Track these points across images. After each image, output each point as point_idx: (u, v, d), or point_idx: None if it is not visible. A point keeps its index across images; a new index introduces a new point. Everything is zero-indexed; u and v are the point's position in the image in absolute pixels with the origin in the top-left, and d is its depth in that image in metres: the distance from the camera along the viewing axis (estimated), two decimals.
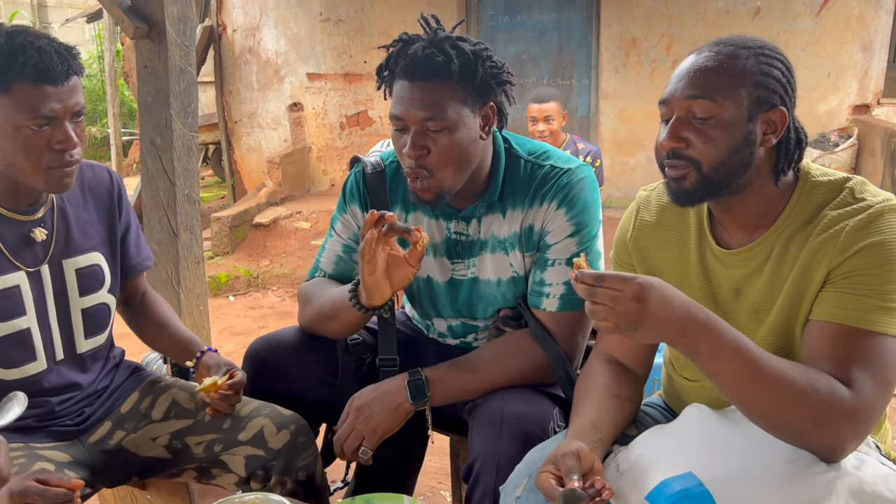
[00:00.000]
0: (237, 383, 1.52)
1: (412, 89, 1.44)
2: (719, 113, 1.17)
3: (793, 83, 1.22)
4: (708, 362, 1.09)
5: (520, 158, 1.61)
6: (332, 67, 6.86)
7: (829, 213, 1.20)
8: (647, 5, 5.93)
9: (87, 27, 11.71)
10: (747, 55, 1.19)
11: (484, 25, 6.47)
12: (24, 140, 1.32)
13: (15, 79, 1.29)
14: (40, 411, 1.50)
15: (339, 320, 1.60)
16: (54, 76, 1.31)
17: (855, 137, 5.35)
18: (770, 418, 1.11)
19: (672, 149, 1.21)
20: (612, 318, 1.07)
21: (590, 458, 1.18)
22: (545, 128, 3.71)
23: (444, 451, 2.22)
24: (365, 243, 1.41)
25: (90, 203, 1.59)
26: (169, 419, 1.61)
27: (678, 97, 1.21)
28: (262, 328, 4.65)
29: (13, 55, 1.29)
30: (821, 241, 1.19)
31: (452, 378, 1.56)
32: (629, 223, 1.48)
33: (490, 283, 1.65)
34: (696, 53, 1.24)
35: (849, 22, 5.58)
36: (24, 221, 1.46)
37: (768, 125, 1.20)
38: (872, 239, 1.13)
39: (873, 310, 1.12)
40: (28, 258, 1.46)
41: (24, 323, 1.45)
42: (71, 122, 1.36)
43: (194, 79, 2.42)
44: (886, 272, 1.12)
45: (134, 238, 1.69)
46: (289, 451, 1.56)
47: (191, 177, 2.44)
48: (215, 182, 9.04)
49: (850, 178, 1.24)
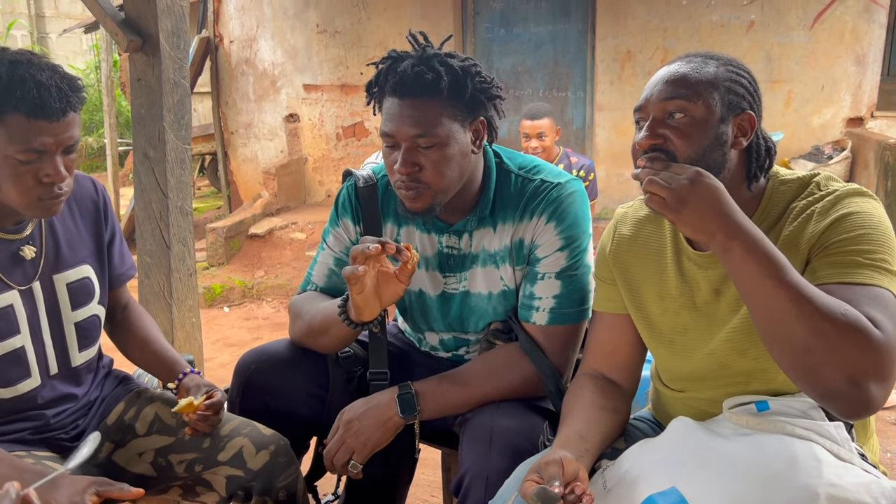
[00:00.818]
0: (215, 403, 1.51)
1: (402, 107, 1.45)
2: (694, 112, 1.24)
3: (758, 94, 1.29)
4: (738, 263, 1.10)
5: (510, 173, 1.62)
6: (328, 79, 6.88)
7: (797, 204, 1.26)
8: (641, 18, 5.97)
9: (84, 37, 11.74)
10: (717, 64, 1.27)
11: (480, 38, 6.50)
12: (12, 170, 1.32)
13: (10, 110, 1.28)
14: (35, 424, 1.50)
15: (329, 335, 1.59)
16: (50, 112, 1.29)
17: (849, 150, 5.37)
18: (790, 336, 1.07)
19: (650, 145, 1.26)
20: (664, 192, 1.13)
21: (573, 466, 1.18)
22: (538, 144, 3.72)
23: (437, 463, 2.21)
24: (351, 273, 1.39)
25: (77, 215, 1.58)
26: (152, 434, 1.61)
27: (654, 100, 1.27)
28: (256, 339, 4.65)
29: (11, 86, 1.27)
30: (793, 228, 1.24)
31: (442, 392, 1.55)
32: (608, 239, 1.51)
33: (481, 297, 1.65)
34: (668, 65, 1.31)
35: (842, 35, 5.61)
36: (12, 240, 1.46)
37: (739, 128, 1.26)
38: (840, 212, 1.19)
39: (859, 265, 1.14)
40: (19, 276, 1.46)
41: (18, 342, 1.44)
42: (62, 156, 1.35)
43: (188, 91, 2.43)
44: (860, 235, 1.16)
45: (118, 247, 1.68)
46: (268, 471, 1.54)
47: (184, 189, 2.44)
48: (211, 192, 9.04)
49: (817, 174, 1.30)
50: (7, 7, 11.81)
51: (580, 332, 1.62)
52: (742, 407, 1.25)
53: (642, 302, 1.43)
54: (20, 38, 11.85)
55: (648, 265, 1.42)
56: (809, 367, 1.07)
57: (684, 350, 1.37)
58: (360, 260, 1.38)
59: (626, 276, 1.45)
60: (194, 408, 1.48)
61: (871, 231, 1.16)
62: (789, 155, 5.65)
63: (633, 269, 1.45)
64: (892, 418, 3.22)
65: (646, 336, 1.45)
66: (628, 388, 1.49)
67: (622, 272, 1.46)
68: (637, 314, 1.44)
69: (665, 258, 1.40)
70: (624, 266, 1.46)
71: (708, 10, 5.79)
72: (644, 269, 1.43)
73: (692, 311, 1.35)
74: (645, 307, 1.43)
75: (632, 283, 1.44)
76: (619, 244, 1.47)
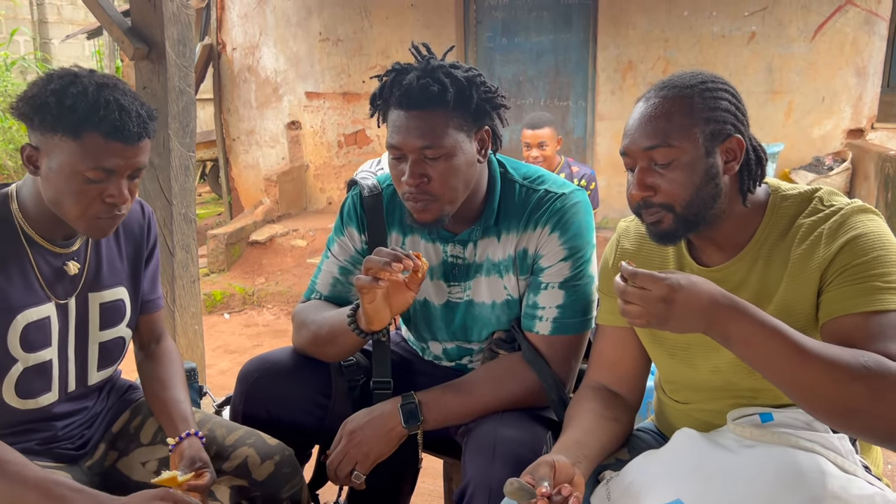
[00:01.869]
0: (199, 487, 1.41)
1: (409, 118, 1.46)
2: (678, 156, 1.23)
3: (742, 107, 1.28)
4: (743, 348, 1.10)
5: (515, 183, 1.63)
6: (330, 86, 6.90)
7: (803, 221, 1.25)
8: (643, 29, 5.99)
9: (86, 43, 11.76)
10: (691, 94, 1.24)
11: (482, 47, 6.52)
12: (78, 187, 1.33)
13: (90, 129, 1.30)
14: (44, 436, 1.50)
15: (337, 344, 1.60)
16: (128, 136, 1.32)
17: (849, 161, 5.39)
18: (824, 401, 1.08)
19: (642, 198, 1.26)
20: (643, 316, 1.11)
21: (567, 469, 1.18)
22: (539, 153, 3.73)
23: (438, 472, 2.21)
24: (367, 284, 1.40)
25: (122, 236, 1.59)
26: (156, 444, 1.60)
27: (637, 149, 1.26)
28: (256, 346, 4.65)
29: (96, 107, 1.30)
30: (804, 249, 1.23)
31: (445, 402, 1.56)
32: (611, 253, 1.52)
33: (485, 306, 1.65)
34: (644, 101, 1.29)
35: (843, 47, 5.64)
36: (59, 254, 1.47)
37: (727, 153, 1.26)
38: (850, 234, 1.19)
39: (877, 291, 1.15)
40: (60, 290, 1.47)
41: (47, 354, 1.45)
42: (127, 180, 1.37)
43: (193, 99, 2.44)
44: (874, 258, 1.17)
45: (151, 274, 1.68)
46: (273, 481, 1.54)
47: (187, 196, 2.45)
48: (212, 199, 9.05)
49: (818, 188, 1.30)
50: (10, 13, 11.84)
51: (583, 342, 1.63)
52: (746, 418, 1.26)
53: None
54: (23, 43, 11.87)
55: None
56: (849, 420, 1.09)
57: (688, 363, 1.38)
58: (376, 273, 1.39)
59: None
60: (177, 484, 1.39)
61: (883, 252, 1.17)
62: (790, 165, 5.66)
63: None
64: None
65: (650, 348, 1.45)
66: (632, 400, 1.49)
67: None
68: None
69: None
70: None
71: (709, 21, 5.82)
72: None
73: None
74: None
75: None
76: (621, 258, 1.48)
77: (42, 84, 1.33)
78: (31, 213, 1.42)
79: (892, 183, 4.67)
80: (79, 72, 1.36)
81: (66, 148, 1.31)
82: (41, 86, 1.33)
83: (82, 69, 1.38)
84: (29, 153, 1.36)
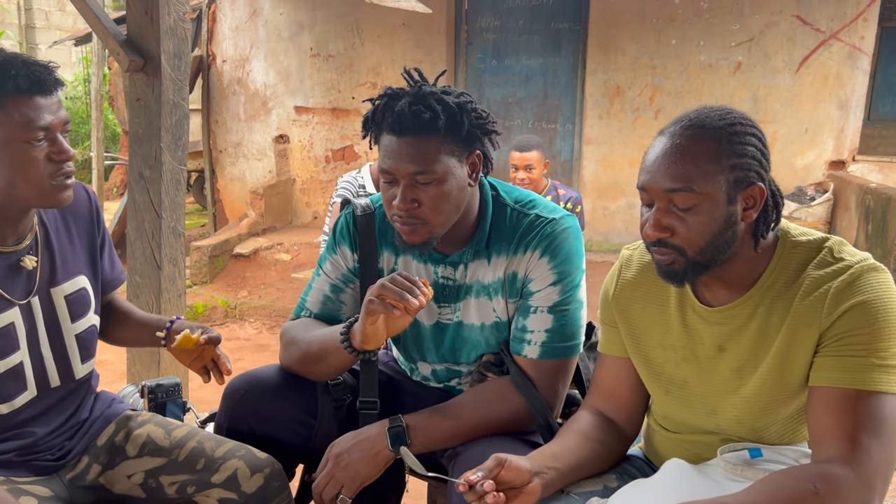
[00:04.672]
0: (213, 338, 1.51)
1: (401, 144, 1.47)
2: (700, 202, 1.19)
3: (766, 152, 1.24)
4: None
5: (506, 206, 1.64)
6: (319, 101, 6.91)
7: (811, 272, 1.22)
8: (632, 55, 6.06)
9: (73, 49, 11.70)
10: (719, 136, 1.19)
11: (472, 68, 6.57)
12: (24, 154, 1.33)
13: (9, 93, 1.30)
14: (23, 443, 1.48)
15: (327, 362, 1.59)
16: (45, 86, 1.33)
17: (831, 192, 5.47)
18: None
19: (658, 238, 1.23)
20: None
21: (521, 473, 1.20)
22: (525, 176, 3.75)
23: (422, 494, 2.20)
24: (378, 309, 1.40)
25: (71, 224, 1.58)
26: (143, 456, 1.59)
27: (657, 189, 1.21)
28: (238, 360, 4.61)
29: (4, 68, 1.30)
30: (807, 304, 1.21)
31: (433, 425, 1.55)
32: (612, 282, 1.50)
33: (474, 328, 1.66)
34: (669, 137, 1.23)
35: (826, 80, 5.74)
36: (12, 252, 1.45)
37: (748, 200, 1.22)
38: (857, 299, 1.17)
39: (871, 369, 1.15)
40: (19, 291, 1.45)
41: (17, 358, 1.44)
42: (63, 135, 1.38)
43: (186, 112, 2.43)
44: (876, 330, 1.15)
45: (108, 253, 1.68)
46: (262, 494, 1.53)
47: (177, 210, 2.44)
48: (196, 210, 9.00)
49: (829, 237, 1.27)
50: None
51: (571, 367, 1.63)
52: (735, 454, 1.26)
53: (644, 348, 1.43)
54: (9, 48, 11.77)
55: (651, 313, 1.42)
56: None
57: (684, 402, 1.38)
58: (392, 301, 1.38)
59: (629, 321, 1.46)
60: (193, 341, 1.45)
61: (884, 325, 1.16)
62: None
63: (635, 314, 1.45)
64: None
65: (647, 381, 1.45)
66: (628, 429, 1.49)
67: (624, 317, 1.46)
68: (638, 358, 1.45)
69: (669, 308, 1.40)
70: (626, 311, 1.46)
71: (696, 49, 5.90)
72: (647, 317, 1.43)
73: (694, 364, 1.35)
74: (646, 353, 1.43)
75: (634, 329, 1.44)
76: (622, 289, 1.47)
77: None
78: None
79: (873, 215, 4.74)
80: None
81: None
82: None
83: None
84: None
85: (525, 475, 1.19)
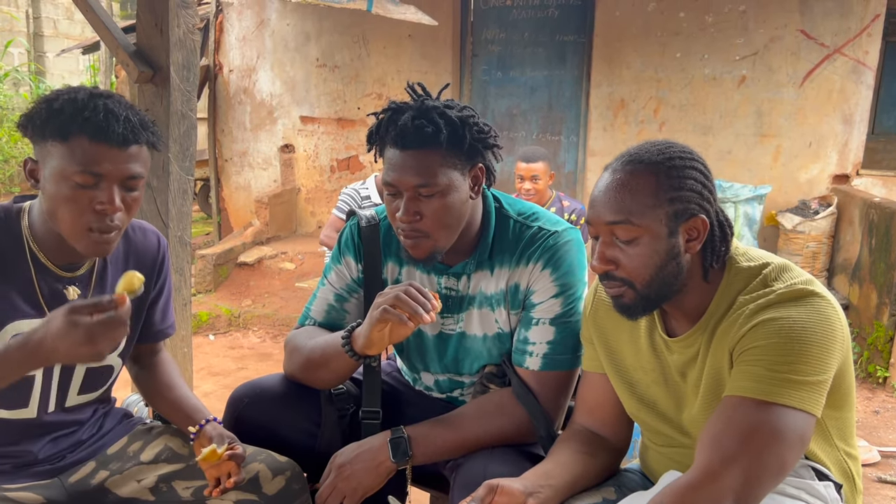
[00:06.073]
0: (237, 455, 1.46)
1: (404, 157, 1.49)
2: (640, 235, 1.22)
3: (709, 185, 1.26)
4: None
5: (509, 218, 1.66)
6: (325, 112, 6.94)
7: (740, 299, 1.24)
8: (636, 68, 6.08)
9: (81, 58, 11.78)
10: (657, 171, 1.23)
11: (477, 79, 6.60)
12: (68, 192, 1.31)
13: (76, 131, 1.29)
14: (20, 461, 1.49)
15: (329, 368, 1.60)
16: (112, 137, 1.29)
17: (834, 206, 5.46)
18: None
19: (604, 271, 1.27)
20: None
21: (515, 496, 1.22)
22: (531, 186, 3.77)
23: None
24: (393, 319, 1.40)
25: (132, 265, 1.56)
26: (159, 462, 1.60)
27: (600, 222, 1.26)
28: (241, 369, 4.62)
29: (82, 109, 1.29)
30: (725, 325, 1.24)
31: (435, 437, 1.56)
32: (589, 300, 1.53)
33: (476, 339, 1.67)
34: (611, 172, 1.27)
35: (830, 94, 5.74)
36: (62, 277, 1.45)
37: (690, 232, 1.24)
38: (764, 316, 1.18)
39: (760, 379, 1.14)
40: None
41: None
42: (121, 188, 1.34)
43: (194, 123, 2.45)
44: (774, 344, 1.15)
45: (163, 305, 1.67)
46: (283, 496, 1.54)
47: (184, 219, 2.46)
48: (201, 218, 9.03)
49: (769, 263, 1.27)
50: (6, 25, 11.84)
51: (573, 379, 1.64)
52: None
53: (619, 366, 1.46)
54: (17, 55, 11.87)
55: (624, 333, 1.44)
56: None
57: (659, 416, 1.40)
58: (407, 312, 1.40)
59: (604, 339, 1.48)
60: (217, 457, 1.43)
61: (792, 342, 1.14)
62: (776, 207, 5.74)
63: (610, 335, 1.47)
64: (876, 476, 3.24)
65: (622, 397, 1.47)
66: (616, 442, 1.51)
67: (600, 335, 1.49)
68: (613, 375, 1.47)
69: (639, 331, 1.42)
70: (602, 329, 1.48)
71: (701, 63, 5.92)
72: (620, 337, 1.45)
73: (663, 387, 1.38)
74: (621, 372, 1.45)
75: (610, 347, 1.47)
76: (597, 308, 1.50)
77: (40, 98, 1.35)
78: (38, 232, 1.42)
79: (877, 229, 4.74)
80: (78, 87, 1.36)
81: (56, 153, 1.30)
82: (39, 99, 1.35)
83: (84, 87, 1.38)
84: (30, 167, 1.37)
85: (518, 498, 1.20)
